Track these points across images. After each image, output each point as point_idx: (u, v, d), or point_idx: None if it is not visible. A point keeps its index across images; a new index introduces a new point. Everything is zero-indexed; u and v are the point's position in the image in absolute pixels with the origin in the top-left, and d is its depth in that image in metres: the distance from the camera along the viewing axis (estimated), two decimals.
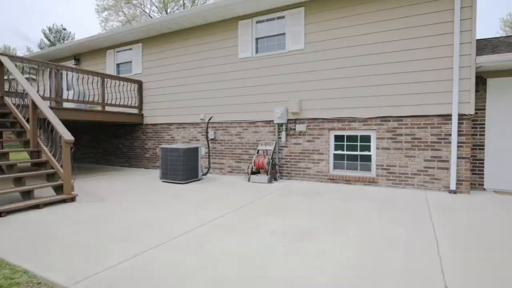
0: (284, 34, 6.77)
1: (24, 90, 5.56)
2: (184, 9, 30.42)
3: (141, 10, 29.56)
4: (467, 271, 2.36)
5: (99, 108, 8.05)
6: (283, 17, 6.79)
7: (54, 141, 5.17)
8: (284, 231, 3.32)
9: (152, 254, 2.70)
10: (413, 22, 5.50)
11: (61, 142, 4.83)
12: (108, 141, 9.97)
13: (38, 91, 5.94)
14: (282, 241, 3.00)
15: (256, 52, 7.17)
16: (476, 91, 5.61)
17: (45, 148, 5.24)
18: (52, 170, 5.02)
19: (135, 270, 2.41)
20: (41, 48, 46.85)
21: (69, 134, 4.81)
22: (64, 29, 46.26)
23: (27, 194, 4.55)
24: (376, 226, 3.47)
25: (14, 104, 5.81)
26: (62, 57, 10.77)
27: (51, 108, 5.66)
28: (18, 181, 4.69)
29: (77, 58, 10.44)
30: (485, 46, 6.82)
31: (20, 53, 65.90)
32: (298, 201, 4.77)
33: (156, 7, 30.39)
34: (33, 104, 5.23)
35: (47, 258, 2.64)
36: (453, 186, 5.22)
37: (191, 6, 30.44)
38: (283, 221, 3.68)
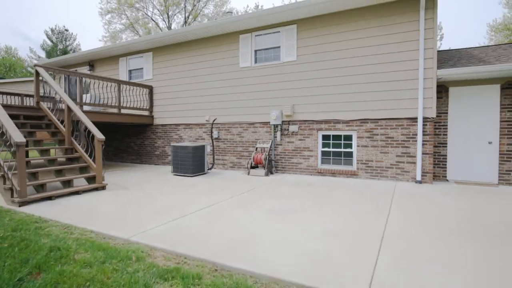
0: (279, 47, 7.80)
1: (56, 95, 6.56)
2: (185, 12, 31.35)
3: (144, 13, 30.45)
4: (400, 227, 3.40)
5: (114, 110, 9.05)
6: (278, 32, 7.81)
7: (87, 139, 6.18)
8: (277, 209, 4.36)
9: (179, 222, 3.73)
10: (385, 40, 6.53)
11: (94, 140, 5.85)
12: (121, 140, 10.97)
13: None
14: (276, 215, 4.04)
15: (255, 62, 8.19)
16: (440, 97, 6.66)
17: (78, 145, 6.26)
18: (84, 164, 6.04)
19: (169, 230, 3.44)
20: (43, 49, 47.56)
21: (101, 134, 5.83)
22: (67, 30, 46.99)
23: (68, 183, 5.57)
24: (350, 207, 4.51)
25: (48, 108, 6.81)
26: (77, 63, 11.76)
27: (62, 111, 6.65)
28: (59, 172, 5.70)
29: (91, 64, 11.43)
30: (452, 57, 7.89)
31: (23, 53, 66.27)
32: (290, 189, 5.81)
33: (158, 10, 31.33)
34: (68, 108, 6.24)
35: (103, 224, 3.66)
36: (419, 177, 6.27)
37: (192, 9, 31.35)
38: (277, 203, 4.72)
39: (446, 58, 7.94)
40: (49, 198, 4.92)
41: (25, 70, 46.57)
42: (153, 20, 31.14)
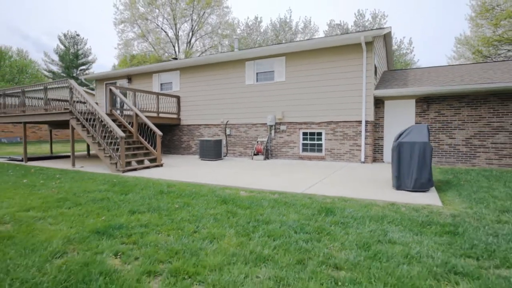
0: (273, 71, 11.20)
1: (123, 105, 9.92)
2: (191, 21, 34.55)
3: (155, 24, 33.70)
4: (333, 178, 6.83)
5: (154, 114, 12.39)
6: (272, 60, 11.21)
7: (149, 135, 9.56)
8: (270, 174, 7.79)
9: (218, 178, 7.15)
10: (343, 69, 9.94)
11: (155, 135, 9.24)
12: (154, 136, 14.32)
13: (120, 105, 10.30)
14: (269, 176, 7.47)
15: (256, 81, 11.59)
16: (379, 107, 10.09)
17: (142, 138, 9.64)
18: (147, 151, 9.43)
19: (214, 179, 6.86)
20: (57, 53, 50.44)
21: (160, 131, 9.21)
22: (78, 35, 50.08)
23: (141, 162, 8.97)
24: (314, 171, 7.95)
25: (120, 114, 10.18)
26: (118, 76, 15.12)
27: (128, 116, 10.02)
28: (134, 155, 9.09)
29: (129, 77, 14.78)
30: (395, 77, 11.32)
31: (36, 57, 68.12)
32: (279, 166, 9.24)
33: (167, 20, 34.57)
34: (136, 114, 9.62)
35: (180, 178, 7.07)
36: (363, 159, 9.70)
37: (198, 20, 34.55)
38: (270, 172, 8.15)
39: (391, 78, 11.38)
40: (135, 169, 8.32)
41: (40, 74, 49.62)
42: (163, 30, 34.42)
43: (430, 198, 4.87)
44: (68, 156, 12.37)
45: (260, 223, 3.63)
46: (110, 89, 10.23)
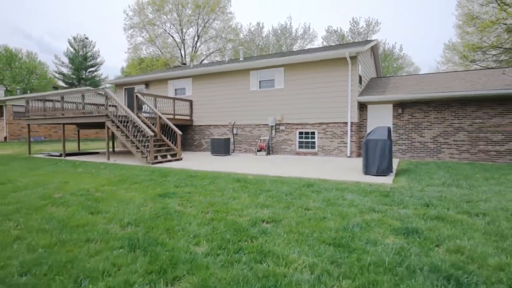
0: (274, 80, 13.11)
1: (143, 108, 11.87)
2: (197, 26, 36.45)
3: (163, 30, 35.66)
4: (322, 168, 8.73)
5: (170, 116, 14.30)
6: (273, 70, 13.11)
7: (170, 134, 11.50)
8: (271, 165, 9.71)
9: (232, 167, 9.08)
10: (332, 79, 11.82)
11: (176, 134, 11.17)
12: (173, 135, 16.26)
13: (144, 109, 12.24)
14: (272, 167, 9.39)
15: (259, 87, 13.50)
16: (363, 110, 11.97)
17: (164, 137, 11.58)
18: (169, 147, 11.37)
19: (229, 169, 8.79)
20: (66, 56, 52.36)
21: (179, 131, 11.13)
22: (87, 38, 52.10)
23: (165, 156, 10.90)
24: (308, 164, 9.86)
25: (146, 117, 12.11)
26: (136, 82, 17.06)
27: (151, 118, 11.95)
28: (159, 151, 11.02)
29: (146, 83, 16.72)
30: (378, 84, 13.21)
31: (41, 57, 69.68)
32: (279, 160, 11.14)
33: (173, 25, 36.51)
34: (159, 117, 11.55)
35: (206, 168, 9.00)
36: (348, 154, 11.59)
37: (204, 25, 36.43)
38: (271, 164, 10.06)
39: (374, 85, 13.26)
40: (160, 162, 10.25)
41: (51, 75, 51.76)
42: (170, 35, 36.37)
43: (385, 180, 6.77)
44: (94, 153, 14.35)
45: (263, 191, 5.55)
46: (136, 96, 12.16)
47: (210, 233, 3.50)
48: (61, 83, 53.30)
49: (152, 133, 9.95)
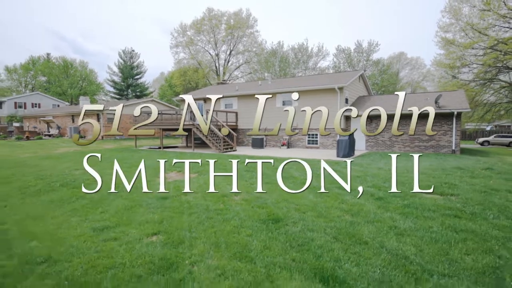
0: (291, 100, 20.44)
1: (206, 117, 19.61)
2: (230, 44, 44.07)
3: (202, 47, 43.65)
4: (324, 154, 16.07)
5: (224, 123, 21.91)
6: (290, 94, 20.41)
7: (228, 135, 19.17)
8: (290, 153, 17.15)
9: (264, 154, 16.61)
10: (327, 101, 18.98)
11: (233, 135, 18.81)
12: (231, 136, 24.01)
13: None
14: (290, 153, 16.84)
15: (283, 104, 20.88)
16: (347, 120, 19.08)
17: (226, 138, 19.27)
18: (228, 143, 19.05)
19: (263, 154, 16.33)
20: (117, 66, 61.48)
21: (235, 133, 18.73)
22: (133, 50, 61.12)
23: (227, 148, 18.57)
24: (313, 153, 17.23)
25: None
26: (196, 98, 24.88)
27: (214, 123, 19.59)
28: (224, 145, 18.70)
29: (205, 100, 24.49)
30: (367, 100, 20.30)
31: (74, 57, 79.56)
32: (295, 151, 18.53)
33: (209, 43, 44.35)
34: (222, 125, 19.25)
35: (262, 155, 16.60)
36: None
37: (236, 43, 43.94)
38: (290, 153, 17.49)
39: (358, 102, 20.29)
40: (225, 151, 17.90)
41: (103, 82, 61.34)
42: (206, 51, 44.33)
43: (347, 159, 14.00)
44: (173, 146, 22.32)
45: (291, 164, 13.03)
46: (207, 111, 19.87)
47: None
48: (110, 88, 62.91)
49: (222, 135, 17.62)
